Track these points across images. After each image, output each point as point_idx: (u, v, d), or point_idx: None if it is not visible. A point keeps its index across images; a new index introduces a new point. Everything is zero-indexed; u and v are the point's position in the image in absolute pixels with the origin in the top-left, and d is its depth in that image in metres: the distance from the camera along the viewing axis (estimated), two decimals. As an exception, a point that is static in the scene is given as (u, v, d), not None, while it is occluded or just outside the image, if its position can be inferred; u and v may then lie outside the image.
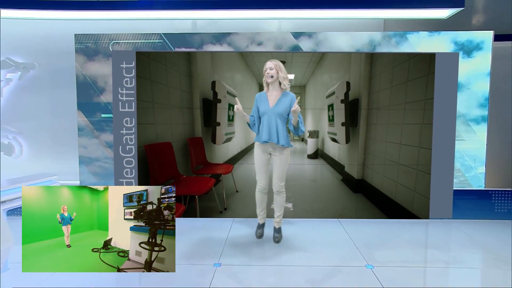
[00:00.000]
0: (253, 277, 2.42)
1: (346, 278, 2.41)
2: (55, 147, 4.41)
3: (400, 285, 2.29)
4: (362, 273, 2.48)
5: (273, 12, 3.67)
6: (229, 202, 3.81)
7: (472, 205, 3.69)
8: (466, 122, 3.68)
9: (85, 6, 3.57)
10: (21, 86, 4.36)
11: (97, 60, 3.82)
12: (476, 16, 3.97)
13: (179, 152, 3.78)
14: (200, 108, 3.79)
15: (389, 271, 2.51)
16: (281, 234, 3.07)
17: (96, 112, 3.87)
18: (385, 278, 2.38)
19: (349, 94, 3.73)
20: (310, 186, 3.84)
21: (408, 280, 2.37)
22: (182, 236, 3.17)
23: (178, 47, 3.80)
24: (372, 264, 2.63)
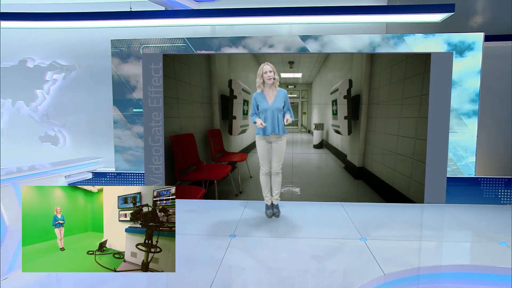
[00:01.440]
0: (262, 246, 2.93)
1: (341, 247, 2.87)
2: (93, 138, 5.07)
3: (387, 254, 2.73)
4: (356, 244, 2.93)
5: (284, 18, 4.12)
6: (243, 186, 4.33)
7: (463, 191, 4.05)
8: (458, 116, 4.03)
9: (120, 16, 4.14)
10: (64, 86, 5.03)
11: (130, 62, 4.41)
12: (473, 18, 4.28)
13: (200, 142, 4.33)
14: (218, 104, 4.31)
15: (379, 243, 2.95)
16: (279, 210, 3.59)
17: (129, 107, 4.46)
18: (374, 247, 2.83)
19: (351, 91, 4.16)
20: (316, 173, 4.30)
21: (394, 251, 2.80)
22: (203, 214, 3.72)
23: (199, 49, 4.32)
24: (366, 237, 3.08)
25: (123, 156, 4.52)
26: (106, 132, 4.88)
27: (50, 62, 5.01)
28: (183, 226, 3.34)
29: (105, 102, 4.81)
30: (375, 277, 2.36)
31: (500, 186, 3.98)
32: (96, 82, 4.94)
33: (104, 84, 4.79)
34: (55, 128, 5.14)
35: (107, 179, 4.45)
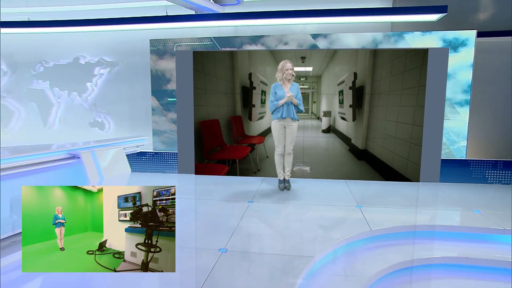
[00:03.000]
0: (273, 209, 3.65)
1: (339, 211, 3.53)
2: (133, 123, 5.94)
3: (377, 217, 3.35)
4: (352, 210, 3.57)
5: (299, 20, 4.71)
6: (261, 165, 5.05)
7: (455, 172, 4.56)
8: (452, 105, 4.52)
9: (157, 20, 4.89)
10: (109, 79, 5.91)
11: (165, 58, 5.18)
12: (475, 15, 4.70)
13: (224, 126, 5.07)
14: (240, 94, 5.02)
15: (371, 209, 3.57)
16: (290, 184, 4.27)
17: (164, 97, 5.26)
18: (367, 212, 3.46)
19: (356, 82, 4.73)
20: (324, 154, 4.94)
21: (384, 215, 3.41)
22: (227, 187, 4.47)
23: (224, 47, 5.02)
24: (361, 205, 3.71)
25: (160, 139, 5.34)
26: (144, 118, 5.72)
27: (98, 59, 5.89)
28: (209, 195, 4.12)
29: (144, 93, 5.64)
30: (363, 231, 3.01)
31: (488, 168, 4.46)
32: (136, 76, 5.77)
33: (143, 77, 5.61)
34: (101, 115, 6.06)
35: (147, 157, 5.30)
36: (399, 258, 2.59)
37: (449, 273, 2.58)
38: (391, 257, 2.61)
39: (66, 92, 6.08)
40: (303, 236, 2.90)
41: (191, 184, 4.63)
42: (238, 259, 2.46)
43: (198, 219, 3.36)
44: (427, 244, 2.97)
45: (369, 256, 2.68)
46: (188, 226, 3.13)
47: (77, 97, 6.05)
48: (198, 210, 3.61)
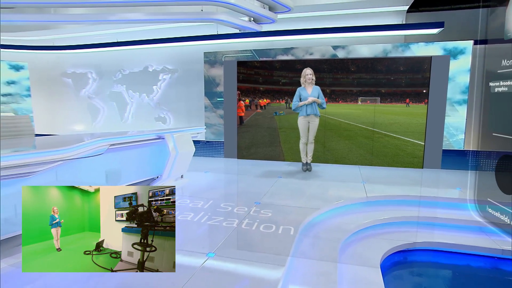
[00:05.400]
0: (296, 183, 4.82)
1: (347, 186, 4.61)
2: (189, 118, 7.42)
3: (376, 189, 4.38)
4: (357, 185, 4.63)
5: (323, 35, 5.82)
6: (287, 152, 6.24)
7: (454, 160, 5.38)
8: (451, 103, 5.34)
9: (210, 38, 6.27)
10: (171, 83, 7.44)
11: (216, 66, 6.55)
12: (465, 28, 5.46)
13: (260, 121, 6.33)
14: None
15: (373, 185, 4.60)
16: (311, 166, 5.40)
17: (214, 97, 6.64)
18: (368, 186, 4.50)
19: (369, 85, 5.72)
20: (343, 143, 6.00)
21: (381, 188, 4.43)
22: (262, 167, 5.72)
23: (262, 57, 6.26)
24: (365, 182, 4.75)
25: (210, 130, 6.74)
26: (198, 114, 7.17)
27: (162, 67, 7.45)
28: (249, 171, 5.40)
29: (198, 94, 7.08)
30: (360, 197, 4.09)
31: (482, 157, 5.22)
32: (192, 80, 7.23)
33: (198, 82, 7.05)
34: (164, 112, 7.62)
35: (200, 145, 6.72)
36: (382, 216, 3.64)
37: (416, 229, 3.59)
38: (376, 215, 3.67)
39: (138, 93, 7.73)
40: (314, 197, 4.06)
41: (234, 165, 5.96)
42: (267, 208, 3.69)
43: (239, 186, 4.65)
44: (407, 209, 3.96)
45: (360, 214, 3.76)
46: (233, 190, 4.44)
47: (146, 97, 7.67)
48: (240, 181, 4.91)
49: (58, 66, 8.30)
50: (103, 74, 7.95)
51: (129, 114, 7.87)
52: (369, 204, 4.07)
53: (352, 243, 3.14)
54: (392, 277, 2.87)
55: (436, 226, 3.58)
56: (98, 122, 8.12)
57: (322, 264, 2.56)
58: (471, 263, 3.11)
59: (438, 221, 3.64)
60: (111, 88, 7.91)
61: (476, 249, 3.16)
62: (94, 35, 7.65)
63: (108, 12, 5.22)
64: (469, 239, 3.27)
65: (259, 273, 2.34)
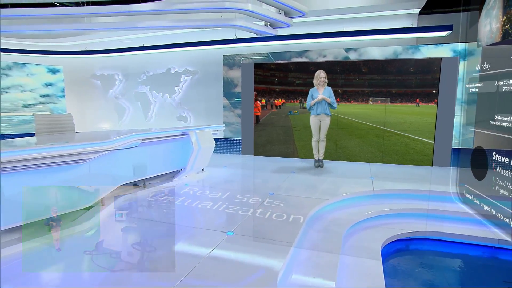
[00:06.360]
0: (308, 177, 5.15)
1: (356, 181, 4.90)
2: (209, 117, 7.87)
3: (383, 185, 4.66)
4: (365, 180, 4.91)
5: (336, 39, 6.12)
6: (301, 150, 6.56)
7: (463, 158, 5.55)
8: (460, 103, 5.51)
9: (229, 42, 6.68)
10: (191, 84, 7.92)
11: (234, 69, 6.96)
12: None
13: (276, 120, 6.69)
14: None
15: (381, 180, 4.87)
16: (323, 163, 5.71)
17: (232, 97, 7.05)
18: (376, 181, 4.78)
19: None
20: (354, 141, 6.27)
21: (388, 184, 4.70)
22: (277, 163, 6.08)
23: (277, 59, 6.62)
24: (374, 177, 5.02)
25: (228, 128, 7.16)
26: (217, 113, 7.61)
27: (183, 69, 7.94)
28: (264, 167, 5.78)
29: (217, 94, 7.51)
30: (366, 190, 4.39)
31: (490, 156, 5.36)
32: (211, 82, 7.68)
33: (217, 83, 7.49)
34: (185, 111, 8.10)
35: (219, 142, 7.13)
36: (384, 208, 3.93)
37: (412, 220, 3.86)
38: (380, 208, 3.96)
39: (161, 94, 8.26)
40: (324, 190, 4.38)
41: (251, 161, 6.35)
42: (280, 199, 4.04)
43: (255, 180, 5.03)
44: (409, 202, 4.21)
45: (365, 206, 4.05)
46: (249, 183, 4.83)
47: (168, 97, 8.19)
48: (256, 175, 5.29)
49: (89, 69, 8.97)
50: (129, 75, 8.54)
51: (153, 113, 8.41)
52: (375, 197, 4.36)
53: (356, 232, 3.47)
54: (391, 264, 3.17)
55: (431, 217, 3.84)
56: (124, 120, 8.72)
57: (327, 243, 2.91)
58: (469, 252, 3.37)
59: (437, 213, 3.90)
60: (136, 89, 8.47)
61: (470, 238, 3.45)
62: (121, 40, 8.23)
63: (137, 20, 5.73)
64: (466, 230, 3.54)
65: (271, 248, 2.71)
